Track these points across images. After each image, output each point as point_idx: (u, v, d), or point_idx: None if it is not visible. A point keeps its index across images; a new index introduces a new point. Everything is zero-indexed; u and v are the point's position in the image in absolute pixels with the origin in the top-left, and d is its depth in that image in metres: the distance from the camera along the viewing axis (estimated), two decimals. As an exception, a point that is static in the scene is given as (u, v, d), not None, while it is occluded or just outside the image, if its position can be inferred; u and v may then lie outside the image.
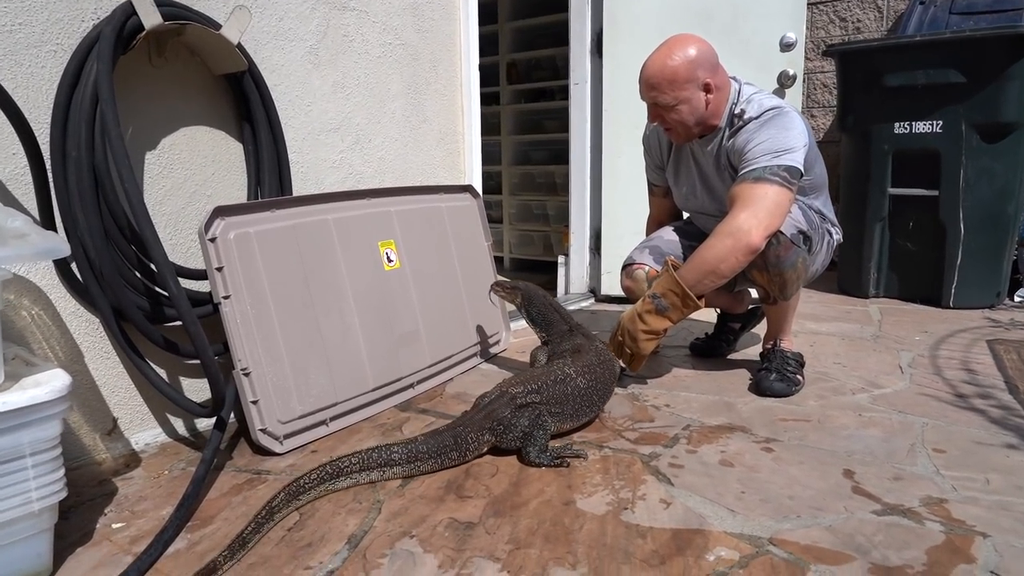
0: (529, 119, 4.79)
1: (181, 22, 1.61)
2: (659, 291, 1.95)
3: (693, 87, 1.93)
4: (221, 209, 1.68)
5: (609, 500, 1.44)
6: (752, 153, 1.89)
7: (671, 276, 1.93)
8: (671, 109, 1.96)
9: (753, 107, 1.95)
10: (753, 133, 1.92)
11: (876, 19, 4.16)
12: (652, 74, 1.95)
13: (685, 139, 2.07)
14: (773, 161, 1.86)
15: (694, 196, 2.19)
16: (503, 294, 2.21)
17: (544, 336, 2.12)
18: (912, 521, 1.33)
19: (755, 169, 1.87)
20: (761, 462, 1.60)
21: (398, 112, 2.43)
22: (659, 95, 1.95)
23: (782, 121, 1.90)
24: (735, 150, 1.96)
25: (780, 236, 1.89)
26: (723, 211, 2.11)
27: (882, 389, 2.07)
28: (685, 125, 1.99)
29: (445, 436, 1.59)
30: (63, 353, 1.61)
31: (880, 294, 3.39)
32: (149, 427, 1.80)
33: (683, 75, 1.91)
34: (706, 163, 2.10)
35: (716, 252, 1.86)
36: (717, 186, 2.10)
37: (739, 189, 1.89)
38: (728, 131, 2.00)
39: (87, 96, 1.47)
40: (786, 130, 1.89)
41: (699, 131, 2.02)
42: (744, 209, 1.84)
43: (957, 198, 3.05)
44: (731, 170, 2.01)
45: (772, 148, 1.87)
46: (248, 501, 1.48)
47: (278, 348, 1.74)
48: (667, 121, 2.00)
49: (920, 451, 1.64)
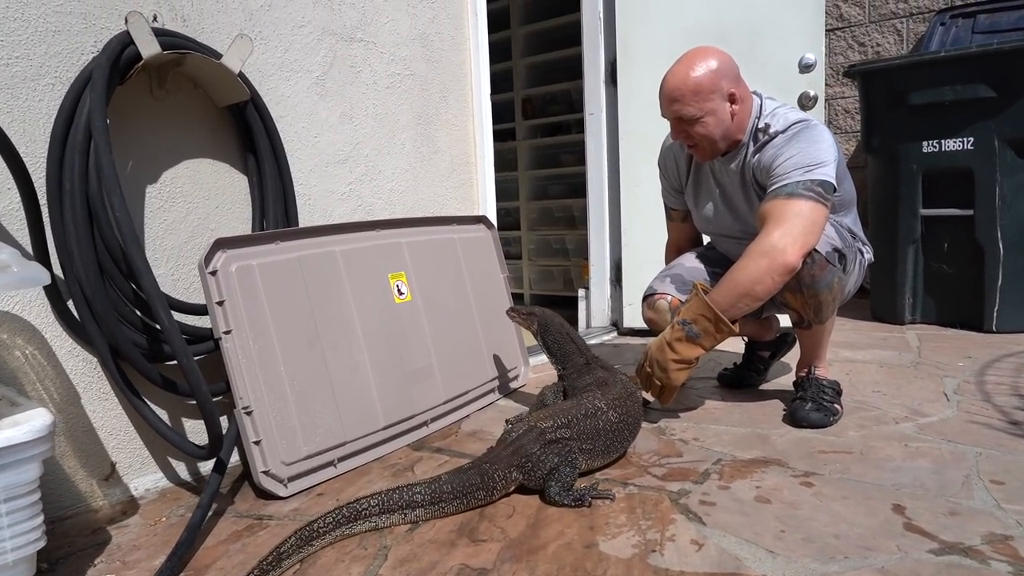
0: (545, 154, 4.75)
1: (181, 52, 1.58)
2: (689, 317, 1.84)
3: (718, 98, 1.85)
4: (222, 241, 1.62)
5: (635, 542, 1.31)
6: (782, 168, 1.80)
7: (702, 300, 1.82)
8: (696, 122, 1.86)
9: (778, 121, 1.87)
10: (781, 148, 1.82)
11: (896, 43, 4.08)
12: (675, 86, 1.86)
13: (711, 155, 1.96)
14: (805, 176, 1.76)
15: (716, 218, 2.09)
16: (519, 319, 2.11)
17: (560, 369, 2.02)
18: (975, 561, 1.19)
19: (787, 184, 1.77)
20: (801, 498, 1.47)
21: (408, 143, 2.39)
22: (684, 107, 1.86)
23: (810, 134, 1.81)
24: (762, 166, 1.87)
25: (815, 255, 1.78)
26: (748, 232, 2.01)
27: (927, 417, 1.93)
28: (711, 139, 1.89)
29: (471, 474, 1.49)
30: (58, 394, 1.54)
31: (917, 320, 3.23)
32: (149, 471, 1.71)
33: (707, 85, 1.83)
34: (729, 182, 2.01)
35: (750, 273, 1.75)
36: (741, 206, 2.01)
37: (771, 206, 1.78)
38: (752, 146, 1.91)
39: (82, 127, 1.43)
40: (816, 143, 1.79)
41: (724, 146, 1.93)
42: (778, 227, 1.74)
43: (994, 217, 2.92)
44: (756, 187, 1.92)
45: (803, 162, 1.77)
46: (247, 548, 1.38)
47: (282, 385, 1.66)
48: (692, 136, 1.91)
49: (976, 483, 1.50)
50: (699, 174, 2.11)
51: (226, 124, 1.86)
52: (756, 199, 1.93)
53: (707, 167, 2.06)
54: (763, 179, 1.87)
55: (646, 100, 3.11)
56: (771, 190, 1.81)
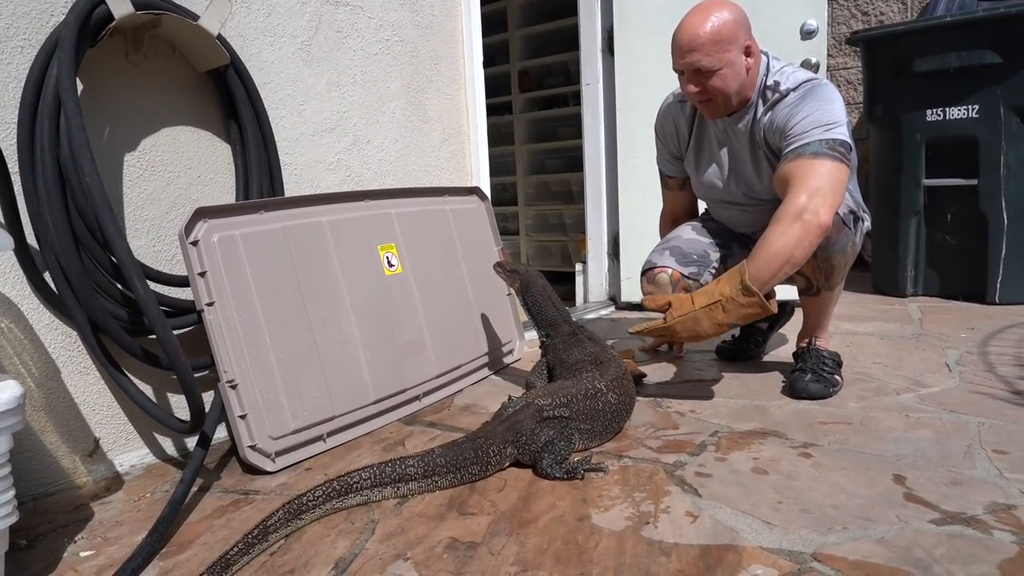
0: (543, 127, 4.67)
1: (155, 12, 1.52)
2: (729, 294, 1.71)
3: (736, 49, 1.77)
4: (203, 211, 1.57)
5: (629, 514, 1.28)
6: (800, 127, 1.73)
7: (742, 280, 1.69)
8: (713, 74, 1.78)
9: (788, 79, 1.81)
10: (795, 106, 1.76)
11: (900, 11, 4.00)
12: (694, 35, 1.76)
13: (723, 111, 1.88)
14: (826, 135, 1.70)
15: (718, 183, 2.02)
16: (503, 275, 2.06)
17: (543, 337, 1.97)
18: (978, 531, 1.15)
19: (809, 144, 1.71)
20: (799, 469, 1.43)
21: (398, 111, 2.32)
22: (702, 57, 1.76)
23: (823, 92, 1.75)
24: (775, 126, 1.80)
25: (835, 216, 1.73)
26: (752, 197, 1.95)
27: (929, 388, 1.89)
28: (726, 93, 1.81)
29: (465, 448, 1.45)
30: (37, 369, 1.50)
31: (919, 292, 3.18)
32: (135, 447, 1.68)
33: (727, 35, 1.75)
34: (737, 142, 1.93)
35: (787, 240, 1.66)
36: (747, 169, 1.94)
37: (794, 166, 1.72)
38: (762, 105, 1.84)
39: (51, 90, 1.37)
40: (830, 102, 1.74)
41: (736, 101, 1.85)
42: (805, 187, 1.67)
43: (998, 186, 2.86)
44: (766, 149, 1.85)
45: (821, 120, 1.71)
46: (231, 524, 1.34)
47: (268, 359, 1.62)
48: (707, 90, 1.81)
49: (979, 453, 1.46)
50: (701, 137, 2.04)
51: (207, 91, 1.80)
52: (765, 161, 1.86)
53: (710, 130, 1.99)
54: (775, 140, 1.81)
55: (643, 70, 3.05)
56: (791, 149, 1.74)
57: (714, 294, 1.73)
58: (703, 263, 2.06)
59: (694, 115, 2.02)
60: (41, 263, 1.47)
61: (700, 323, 1.74)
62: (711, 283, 1.79)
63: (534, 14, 4.53)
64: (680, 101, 2.06)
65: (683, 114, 2.04)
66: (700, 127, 2.03)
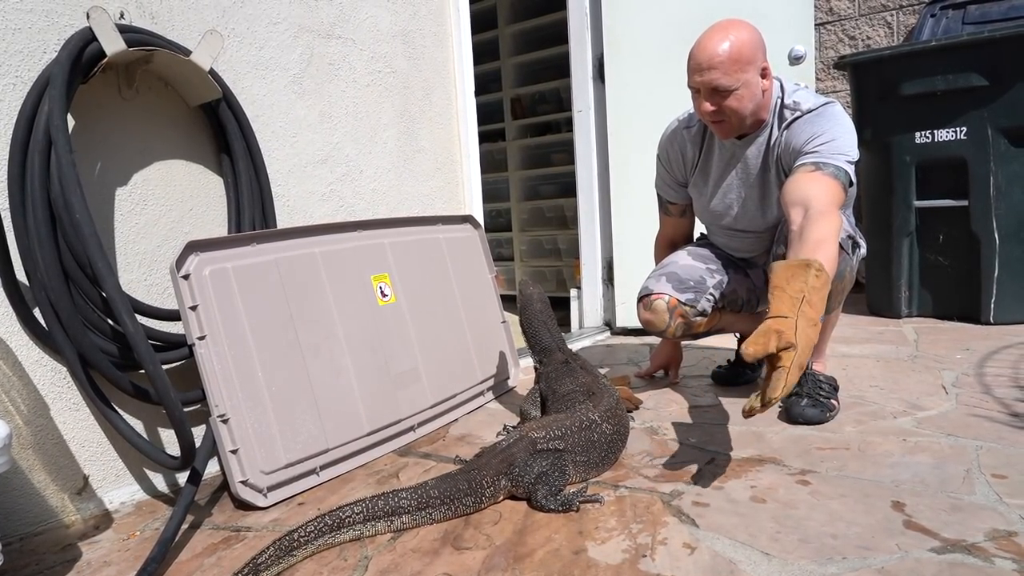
0: (536, 153, 4.70)
1: (147, 48, 1.53)
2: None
3: (753, 70, 1.77)
4: (195, 244, 1.56)
5: (625, 547, 1.26)
6: (826, 148, 1.73)
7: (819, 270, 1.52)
8: (730, 94, 1.77)
9: (806, 100, 1.83)
10: (818, 126, 1.77)
11: (886, 35, 4.05)
12: (713, 54, 1.75)
13: (735, 132, 1.88)
14: (844, 164, 1.71)
15: (724, 207, 2.02)
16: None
17: (537, 364, 1.96)
18: (979, 559, 1.14)
19: (828, 165, 1.71)
20: (797, 497, 1.42)
21: (391, 142, 2.33)
22: (721, 76, 1.75)
23: (843, 120, 1.78)
24: (793, 140, 1.80)
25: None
26: (756, 222, 1.95)
27: (926, 411, 1.88)
28: (740, 114, 1.81)
29: (459, 480, 1.44)
30: (26, 406, 1.49)
31: (913, 313, 3.18)
32: (125, 484, 1.65)
33: (747, 55, 1.75)
34: (745, 165, 1.94)
35: (827, 229, 1.56)
36: (754, 193, 1.94)
37: (815, 178, 1.70)
38: (778, 126, 1.86)
39: (42, 127, 1.38)
40: (850, 134, 1.76)
41: (750, 123, 1.86)
42: (827, 198, 1.64)
43: (989, 207, 2.87)
44: (782, 168, 1.86)
45: (841, 150, 1.73)
46: (222, 562, 1.32)
47: (260, 392, 1.60)
48: (722, 110, 1.80)
49: (978, 477, 1.45)
50: (708, 161, 2.03)
51: (199, 124, 1.80)
52: (774, 184, 1.87)
53: (716, 154, 1.99)
54: (790, 159, 1.80)
55: (635, 96, 3.07)
56: (811, 161, 1.73)
57: (793, 298, 1.43)
58: (700, 289, 2.05)
59: (702, 139, 2.02)
60: (31, 299, 1.47)
61: (806, 331, 1.39)
62: (772, 303, 1.45)
63: (526, 42, 4.59)
64: (686, 127, 2.06)
65: (689, 138, 2.05)
66: (707, 151, 2.03)
